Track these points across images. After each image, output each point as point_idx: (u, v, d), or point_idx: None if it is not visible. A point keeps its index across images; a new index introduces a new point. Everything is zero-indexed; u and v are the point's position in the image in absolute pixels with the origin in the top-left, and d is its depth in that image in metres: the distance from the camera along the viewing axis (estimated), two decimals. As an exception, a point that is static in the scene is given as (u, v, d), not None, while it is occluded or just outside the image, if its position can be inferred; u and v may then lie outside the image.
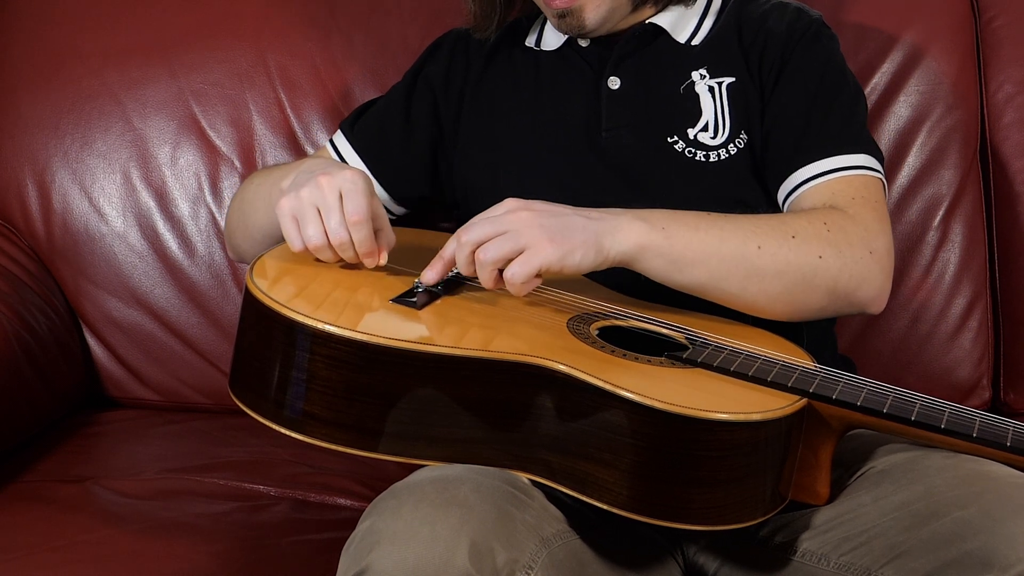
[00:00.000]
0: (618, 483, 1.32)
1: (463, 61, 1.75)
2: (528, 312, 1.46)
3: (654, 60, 1.66)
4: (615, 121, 1.65)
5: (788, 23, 1.64)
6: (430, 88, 1.75)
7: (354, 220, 1.45)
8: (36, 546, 1.59)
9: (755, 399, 1.36)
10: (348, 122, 1.79)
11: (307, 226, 1.46)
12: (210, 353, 1.99)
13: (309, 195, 1.46)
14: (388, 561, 1.25)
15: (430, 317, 1.43)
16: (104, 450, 1.88)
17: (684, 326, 1.49)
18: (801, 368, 1.42)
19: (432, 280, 1.46)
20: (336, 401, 1.34)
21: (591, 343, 1.41)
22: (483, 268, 1.41)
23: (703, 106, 1.63)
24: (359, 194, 1.45)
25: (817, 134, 1.59)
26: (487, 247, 1.40)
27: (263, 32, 2.02)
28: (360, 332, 1.33)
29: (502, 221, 1.41)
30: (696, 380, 1.38)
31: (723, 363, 1.40)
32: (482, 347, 1.36)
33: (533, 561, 1.30)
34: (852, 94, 1.64)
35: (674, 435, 1.30)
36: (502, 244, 1.40)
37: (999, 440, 1.36)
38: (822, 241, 1.49)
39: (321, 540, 1.62)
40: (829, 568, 1.39)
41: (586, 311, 1.49)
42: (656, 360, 1.41)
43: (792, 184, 1.59)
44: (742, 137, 1.62)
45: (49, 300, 1.95)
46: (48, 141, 2.00)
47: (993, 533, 1.27)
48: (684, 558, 1.51)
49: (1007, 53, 1.99)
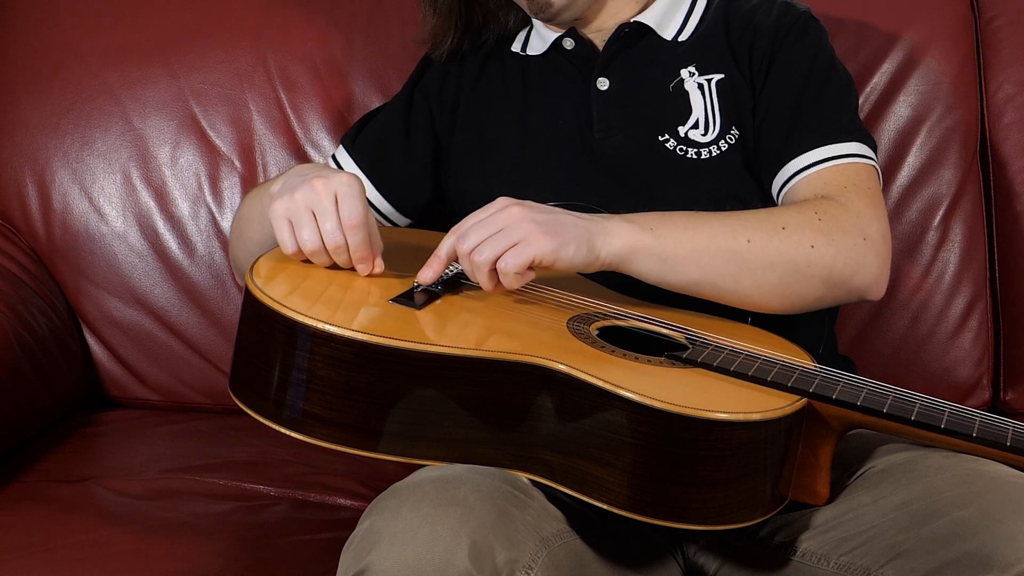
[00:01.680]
0: (618, 483, 1.32)
1: (456, 71, 1.75)
2: (528, 312, 1.46)
3: (642, 59, 1.66)
4: (607, 122, 1.65)
5: (776, 17, 1.64)
6: (426, 99, 1.76)
7: (351, 224, 1.44)
8: (36, 546, 1.59)
9: (755, 399, 1.35)
10: (349, 136, 1.79)
11: (302, 229, 1.45)
12: (210, 353, 1.99)
13: (303, 198, 1.45)
14: (388, 561, 1.25)
15: (429, 317, 1.43)
16: (104, 450, 1.88)
17: (684, 326, 1.49)
18: (801, 368, 1.42)
19: (430, 279, 1.45)
20: (336, 401, 1.34)
21: (591, 343, 1.41)
22: (480, 269, 1.41)
23: (693, 103, 1.63)
24: (355, 197, 1.45)
25: (807, 124, 1.59)
26: (482, 248, 1.40)
27: (263, 32, 2.02)
28: (359, 332, 1.33)
29: (495, 220, 1.41)
30: (696, 380, 1.38)
31: (723, 363, 1.40)
32: (481, 346, 1.35)
33: (533, 561, 1.30)
34: (842, 83, 1.64)
35: (674, 435, 1.30)
36: (496, 242, 1.40)
37: (999, 440, 1.36)
38: (813, 230, 1.49)
39: (321, 540, 1.62)
40: (829, 568, 1.39)
41: (586, 311, 1.49)
42: (656, 360, 1.41)
43: (785, 176, 1.59)
44: (733, 133, 1.62)
45: (49, 300, 1.95)
46: (48, 141, 2.00)
47: (992, 533, 1.27)
48: (684, 558, 1.51)
49: (1007, 53, 1.99)
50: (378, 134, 1.78)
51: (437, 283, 1.48)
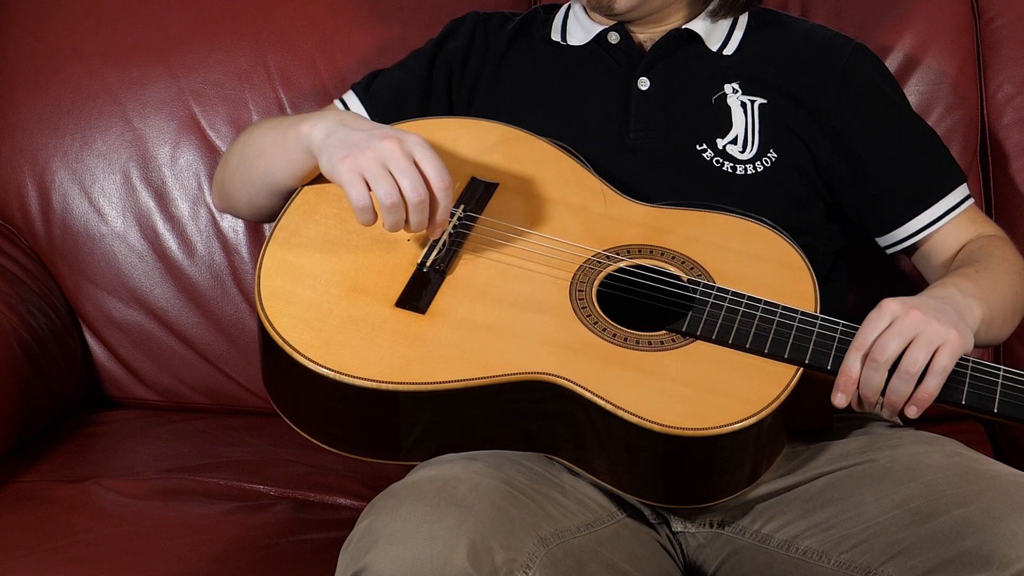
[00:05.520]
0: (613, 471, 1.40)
1: (483, 43, 1.74)
2: (531, 288, 1.47)
3: (685, 66, 1.66)
4: (643, 122, 1.64)
5: (829, 40, 1.68)
6: (448, 64, 1.74)
7: (443, 185, 1.44)
8: (36, 546, 1.59)
9: (752, 387, 1.39)
10: (361, 86, 1.77)
11: (379, 184, 1.43)
12: (210, 353, 1.99)
13: (379, 153, 1.44)
14: (386, 560, 1.25)
15: (434, 328, 1.44)
16: (104, 450, 1.88)
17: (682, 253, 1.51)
18: (798, 322, 1.43)
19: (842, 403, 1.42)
20: (356, 427, 1.43)
21: (594, 323, 1.44)
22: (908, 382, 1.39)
23: (735, 119, 1.63)
24: (436, 157, 1.45)
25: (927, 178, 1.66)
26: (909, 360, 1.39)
27: (263, 32, 2.02)
28: (368, 380, 1.38)
29: (901, 328, 1.40)
30: (695, 368, 1.40)
31: (721, 333, 1.42)
32: (488, 367, 1.39)
33: (531, 560, 1.30)
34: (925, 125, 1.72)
35: (670, 449, 1.36)
36: (917, 352, 1.38)
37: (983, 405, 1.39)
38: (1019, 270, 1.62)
39: (321, 540, 1.62)
40: (830, 566, 1.39)
41: (587, 262, 1.50)
42: (656, 341, 1.42)
43: (914, 228, 1.65)
44: (771, 156, 1.62)
45: (49, 300, 1.95)
46: (48, 141, 2.00)
47: (992, 531, 1.28)
48: (684, 558, 1.51)
49: (1007, 53, 1.98)
50: (395, 89, 1.75)
51: (436, 261, 1.48)
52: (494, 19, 1.77)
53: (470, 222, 1.53)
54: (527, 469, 1.41)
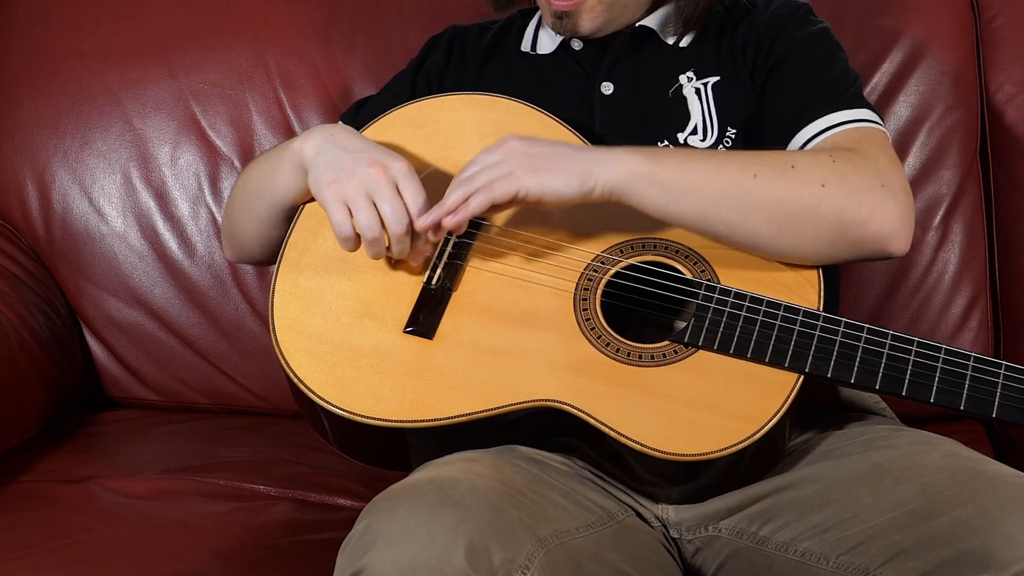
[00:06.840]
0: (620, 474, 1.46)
1: (460, 57, 1.75)
2: (535, 302, 1.48)
3: (645, 63, 1.66)
4: (608, 127, 1.65)
5: (774, 8, 1.65)
6: (428, 79, 1.75)
7: (420, 211, 1.45)
8: (36, 546, 1.59)
9: (755, 399, 1.39)
10: (348, 115, 1.78)
11: (361, 215, 1.44)
12: (210, 353, 1.99)
13: (364, 180, 1.44)
14: (384, 561, 1.25)
15: (443, 354, 1.45)
16: (104, 450, 1.88)
17: (683, 244, 1.50)
18: (800, 326, 1.43)
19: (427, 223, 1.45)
20: (366, 450, 1.51)
21: (597, 338, 1.44)
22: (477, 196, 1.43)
23: (691, 109, 1.63)
24: (418, 183, 1.46)
25: (821, 93, 1.56)
26: (476, 177, 1.43)
27: (263, 32, 2.02)
28: (379, 420, 1.41)
29: (494, 151, 1.44)
30: (697, 383, 1.41)
31: (722, 344, 1.43)
32: (493, 397, 1.42)
33: (529, 561, 1.30)
34: (847, 61, 1.62)
35: (675, 468, 1.40)
36: (490, 172, 1.43)
37: None
38: (825, 170, 1.45)
39: (321, 540, 1.62)
40: (828, 567, 1.39)
41: (588, 267, 1.50)
42: (659, 354, 1.43)
43: (800, 141, 1.55)
44: (730, 134, 1.62)
45: (49, 300, 1.96)
46: (48, 141, 2.00)
47: (990, 532, 1.28)
48: (684, 558, 1.51)
49: (1007, 53, 1.98)
50: (382, 111, 1.76)
51: (446, 282, 1.49)
52: (472, 31, 1.77)
53: (473, 230, 1.53)
54: (526, 470, 1.41)
